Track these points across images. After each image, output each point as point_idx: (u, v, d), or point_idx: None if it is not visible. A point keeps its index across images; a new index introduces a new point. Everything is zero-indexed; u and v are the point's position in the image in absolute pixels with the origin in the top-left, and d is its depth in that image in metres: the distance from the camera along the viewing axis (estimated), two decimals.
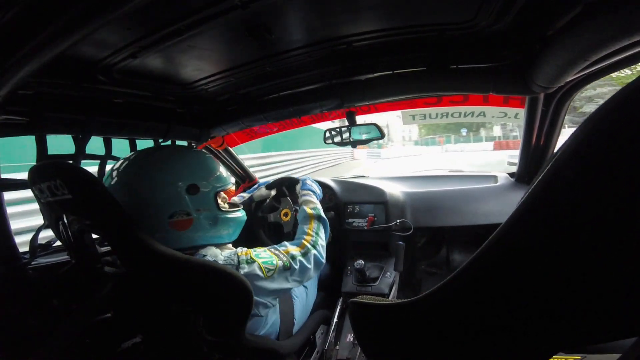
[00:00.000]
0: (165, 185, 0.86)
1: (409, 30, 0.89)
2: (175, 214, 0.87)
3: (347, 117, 1.40)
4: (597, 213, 0.27)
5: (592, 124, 0.26)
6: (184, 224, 0.88)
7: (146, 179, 0.85)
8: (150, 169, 0.87)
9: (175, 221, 0.87)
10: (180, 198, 0.87)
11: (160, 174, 0.87)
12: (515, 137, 23.65)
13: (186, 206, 0.88)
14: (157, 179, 0.86)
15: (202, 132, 1.53)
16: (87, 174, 0.73)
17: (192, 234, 0.90)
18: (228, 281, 0.87)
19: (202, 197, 0.90)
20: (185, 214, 0.88)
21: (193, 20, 0.73)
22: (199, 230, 0.91)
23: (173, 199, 0.86)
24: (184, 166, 0.91)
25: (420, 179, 2.12)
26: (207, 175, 0.93)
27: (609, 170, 0.26)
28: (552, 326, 0.33)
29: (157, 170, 0.87)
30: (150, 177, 0.85)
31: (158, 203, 0.84)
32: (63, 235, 0.83)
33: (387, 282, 1.55)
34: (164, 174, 0.87)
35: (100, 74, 0.94)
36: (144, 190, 0.84)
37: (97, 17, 0.50)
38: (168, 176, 0.87)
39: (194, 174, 0.90)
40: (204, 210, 0.91)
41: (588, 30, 0.66)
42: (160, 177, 0.86)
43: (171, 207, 0.86)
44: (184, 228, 0.88)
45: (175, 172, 0.88)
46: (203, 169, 0.94)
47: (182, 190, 0.87)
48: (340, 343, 1.43)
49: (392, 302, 0.49)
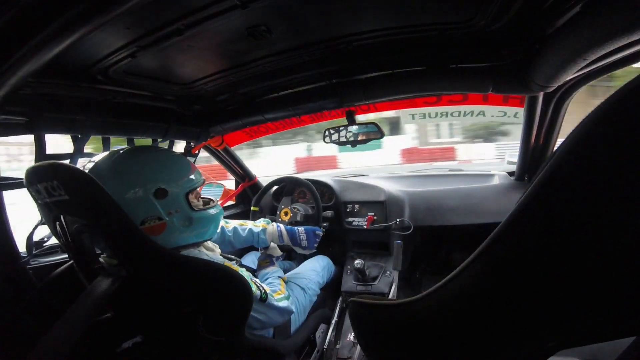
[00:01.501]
0: (129, 193, 0.81)
1: (409, 30, 0.89)
2: (146, 220, 0.83)
3: (347, 117, 1.40)
4: (596, 212, 0.27)
5: (591, 123, 0.26)
6: (157, 228, 0.84)
7: (109, 188, 0.76)
8: (112, 177, 0.82)
9: (148, 227, 0.83)
10: (148, 204, 0.83)
11: (123, 181, 0.82)
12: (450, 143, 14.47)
13: (156, 211, 0.84)
14: (120, 187, 0.81)
15: (202, 131, 1.53)
16: (84, 174, 0.73)
17: (167, 236, 0.86)
18: (228, 280, 0.87)
19: (172, 199, 0.86)
20: (157, 219, 0.84)
21: (193, 20, 0.73)
22: (174, 232, 0.87)
23: (141, 206, 0.82)
24: (148, 170, 0.86)
25: (419, 178, 2.12)
26: (174, 177, 0.88)
27: (607, 169, 0.26)
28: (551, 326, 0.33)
29: (119, 177, 0.82)
30: (114, 185, 0.79)
31: (127, 212, 0.78)
32: (61, 235, 0.82)
33: (386, 281, 1.55)
34: (127, 181, 0.82)
35: (100, 73, 0.94)
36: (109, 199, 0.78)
37: (96, 17, 0.50)
38: (131, 183, 0.82)
39: (158, 177, 0.85)
40: (176, 212, 0.87)
41: (587, 29, 0.66)
42: (123, 184, 0.81)
43: (140, 214, 0.82)
44: (157, 232, 0.85)
45: (138, 177, 0.83)
46: (168, 170, 0.89)
47: (149, 195, 0.83)
48: (340, 342, 1.44)
49: (392, 302, 0.49)
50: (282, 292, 1.08)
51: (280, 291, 1.08)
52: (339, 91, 1.22)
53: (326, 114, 1.60)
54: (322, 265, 1.55)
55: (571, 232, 0.28)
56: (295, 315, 1.22)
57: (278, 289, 1.09)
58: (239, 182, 2.10)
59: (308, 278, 1.40)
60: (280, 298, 1.05)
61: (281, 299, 1.04)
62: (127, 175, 0.83)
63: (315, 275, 1.45)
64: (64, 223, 0.80)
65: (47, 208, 0.81)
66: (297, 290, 1.31)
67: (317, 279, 1.45)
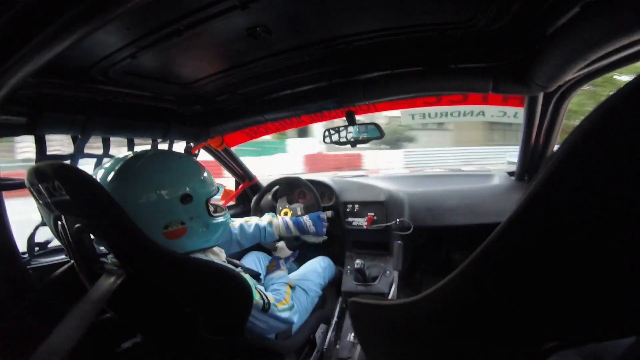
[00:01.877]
0: (160, 197, 0.83)
1: (408, 30, 0.89)
2: (170, 224, 0.85)
3: (347, 117, 1.40)
4: (597, 212, 0.27)
5: (592, 123, 0.26)
6: (178, 232, 0.87)
7: (139, 191, 0.80)
8: (136, 179, 0.83)
9: (170, 231, 0.85)
10: (174, 208, 0.85)
11: (149, 184, 0.83)
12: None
13: (180, 215, 0.86)
14: (151, 191, 0.82)
15: (202, 131, 1.53)
16: (85, 174, 0.73)
17: (185, 241, 0.89)
18: (229, 280, 0.87)
19: (195, 205, 0.89)
20: (180, 223, 0.86)
21: (193, 20, 0.73)
22: (191, 237, 0.89)
23: (168, 210, 0.84)
24: (179, 175, 0.88)
25: (419, 178, 2.12)
26: (200, 183, 0.91)
27: (608, 169, 0.26)
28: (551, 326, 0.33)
29: (145, 180, 0.83)
30: (144, 189, 0.82)
31: (152, 214, 0.82)
32: (62, 236, 0.82)
33: (386, 282, 1.55)
34: (154, 185, 0.84)
35: (100, 74, 0.94)
36: (136, 202, 0.80)
37: (97, 17, 0.50)
38: (163, 188, 0.84)
39: (187, 182, 0.88)
40: (197, 218, 0.89)
41: (587, 29, 0.66)
42: (154, 189, 0.83)
43: (166, 218, 0.84)
44: (177, 236, 0.87)
45: (169, 182, 0.85)
46: (196, 176, 0.91)
47: (176, 200, 0.85)
48: (340, 342, 1.44)
49: (392, 302, 0.50)
50: (286, 302, 1.06)
51: (285, 300, 1.07)
52: (338, 91, 1.22)
53: (326, 114, 1.60)
54: (324, 266, 1.55)
55: (572, 232, 0.28)
56: (297, 317, 1.22)
57: (282, 298, 1.07)
58: (238, 183, 2.10)
59: (310, 280, 1.40)
60: (284, 308, 1.03)
61: (284, 310, 1.03)
62: (154, 178, 0.84)
63: (317, 277, 1.45)
64: (65, 223, 0.80)
65: (48, 208, 0.81)
66: (299, 292, 1.31)
67: (319, 280, 1.45)
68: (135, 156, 0.88)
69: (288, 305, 1.07)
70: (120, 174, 0.83)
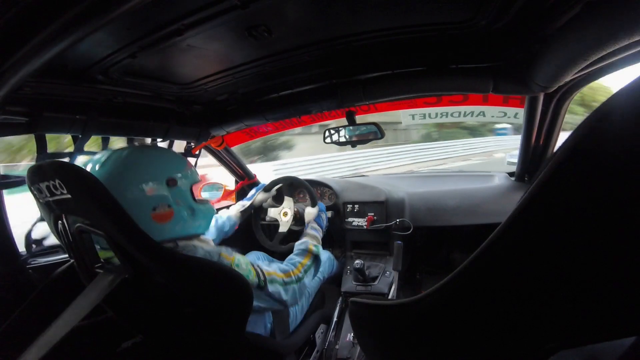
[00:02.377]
0: (148, 180, 0.89)
1: (409, 30, 0.89)
2: (158, 206, 0.90)
3: (347, 117, 1.40)
4: (597, 213, 0.27)
5: (592, 124, 0.26)
6: (166, 215, 0.91)
7: (128, 177, 0.86)
8: (131, 167, 0.89)
9: (158, 214, 0.90)
10: (161, 191, 0.91)
11: (142, 170, 0.89)
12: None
13: (167, 199, 0.91)
14: (139, 175, 0.88)
15: (202, 131, 1.53)
16: (87, 173, 0.73)
17: (172, 225, 0.92)
18: (228, 280, 0.87)
19: (180, 189, 0.94)
20: (167, 206, 0.91)
21: (192, 20, 0.73)
22: (179, 222, 0.93)
23: (155, 193, 0.89)
24: (162, 161, 0.94)
25: (420, 179, 2.12)
26: (183, 169, 0.97)
27: (609, 169, 0.26)
28: (551, 325, 0.33)
29: (138, 167, 0.90)
30: (133, 174, 0.88)
31: (141, 198, 0.87)
32: (62, 235, 0.82)
33: (386, 282, 1.55)
34: (146, 170, 0.90)
35: (100, 73, 0.94)
36: (126, 188, 0.85)
37: (97, 17, 0.50)
38: (150, 172, 0.90)
39: (171, 168, 0.94)
40: (182, 202, 0.94)
41: (587, 29, 0.66)
42: (142, 173, 0.89)
43: (154, 200, 0.89)
44: (165, 220, 0.91)
45: (155, 167, 0.92)
46: (178, 163, 0.97)
47: (162, 183, 0.91)
48: (340, 342, 1.44)
49: (392, 302, 0.49)
50: (292, 274, 1.06)
51: (291, 272, 1.07)
52: (339, 91, 1.22)
53: (326, 114, 1.60)
54: (323, 260, 1.55)
55: (572, 233, 0.28)
56: (298, 304, 1.24)
57: (289, 270, 1.08)
58: (238, 182, 2.10)
59: None
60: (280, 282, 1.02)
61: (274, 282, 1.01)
62: (142, 167, 0.90)
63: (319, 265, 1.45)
64: (66, 222, 0.80)
65: (48, 207, 0.81)
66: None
67: (320, 268, 1.44)
68: (122, 148, 0.94)
69: (292, 278, 1.06)
70: (109, 162, 0.88)
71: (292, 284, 1.05)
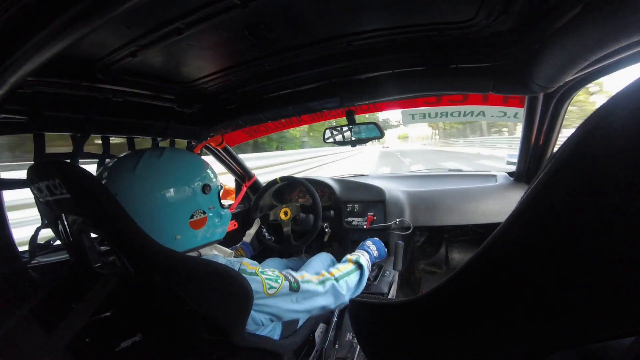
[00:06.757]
0: (186, 187, 0.89)
1: (409, 30, 0.89)
2: (195, 213, 0.90)
3: (347, 117, 1.40)
4: (597, 212, 0.27)
5: (593, 124, 0.26)
6: (201, 222, 0.92)
7: (165, 183, 0.85)
8: (169, 172, 0.88)
9: (194, 221, 0.90)
10: (198, 198, 0.91)
11: (180, 176, 0.89)
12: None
13: (203, 205, 0.92)
14: (178, 181, 0.87)
15: (202, 130, 1.53)
16: (86, 173, 0.73)
17: (204, 232, 0.93)
18: (228, 281, 0.87)
19: (212, 195, 0.95)
20: (202, 213, 0.92)
21: (192, 19, 0.73)
22: (210, 227, 0.94)
23: (191, 200, 0.89)
24: (198, 167, 0.94)
25: (419, 178, 2.12)
26: (214, 175, 0.97)
27: (609, 170, 0.26)
28: (550, 325, 0.33)
29: (176, 173, 0.89)
30: (171, 180, 0.86)
31: (179, 204, 0.86)
32: (62, 234, 0.82)
33: (386, 281, 1.55)
34: (184, 176, 0.89)
35: (100, 72, 0.94)
36: (162, 195, 0.84)
37: (97, 16, 0.50)
38: (187, 178, 0.89)
39: (206, 174, 0.94)
40: (213, 208, 0.95)
41: (587, 30, 0.66)
42: (180, 179, 0.88)
43: (191, 207, 0.89)
44: (200, 226, 0.92)
45: (192, 173, 0.91)
46: (209, 169, 0.98)
47: (199, 189, 0.91)
48: (339, 342, 1.44)
49: (392, 301, 0.49)
50: (324, 274, 1.04)
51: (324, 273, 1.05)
52: (339, 91, 1.22)
53: (326, 113, 1.60)
54: (326, 265, 1.55)
55: (572, 233, 0.28)
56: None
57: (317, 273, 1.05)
58: (238, 182, 2.10)
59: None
60: (319, 281, 1.01)
61: (315, 282, 1.00)
62: (179, 171, 0.89)
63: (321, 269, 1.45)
64: (66, 222, 0.80)
65: (48, 206, 0.81)
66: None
67: (320, 268, 1.44)
68: (151, 153, 0.89)
69: (326, 276, 1.03)
70: (145, 170, 0.85)
71: (327, 281, 1.02)
